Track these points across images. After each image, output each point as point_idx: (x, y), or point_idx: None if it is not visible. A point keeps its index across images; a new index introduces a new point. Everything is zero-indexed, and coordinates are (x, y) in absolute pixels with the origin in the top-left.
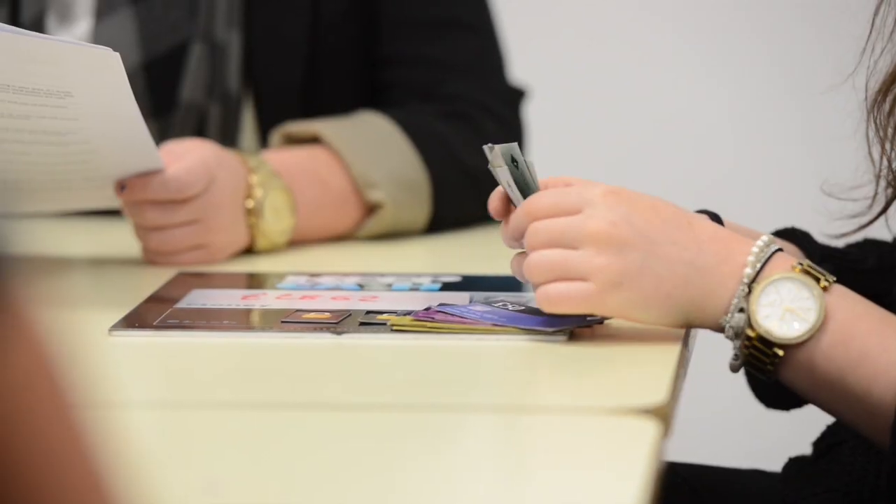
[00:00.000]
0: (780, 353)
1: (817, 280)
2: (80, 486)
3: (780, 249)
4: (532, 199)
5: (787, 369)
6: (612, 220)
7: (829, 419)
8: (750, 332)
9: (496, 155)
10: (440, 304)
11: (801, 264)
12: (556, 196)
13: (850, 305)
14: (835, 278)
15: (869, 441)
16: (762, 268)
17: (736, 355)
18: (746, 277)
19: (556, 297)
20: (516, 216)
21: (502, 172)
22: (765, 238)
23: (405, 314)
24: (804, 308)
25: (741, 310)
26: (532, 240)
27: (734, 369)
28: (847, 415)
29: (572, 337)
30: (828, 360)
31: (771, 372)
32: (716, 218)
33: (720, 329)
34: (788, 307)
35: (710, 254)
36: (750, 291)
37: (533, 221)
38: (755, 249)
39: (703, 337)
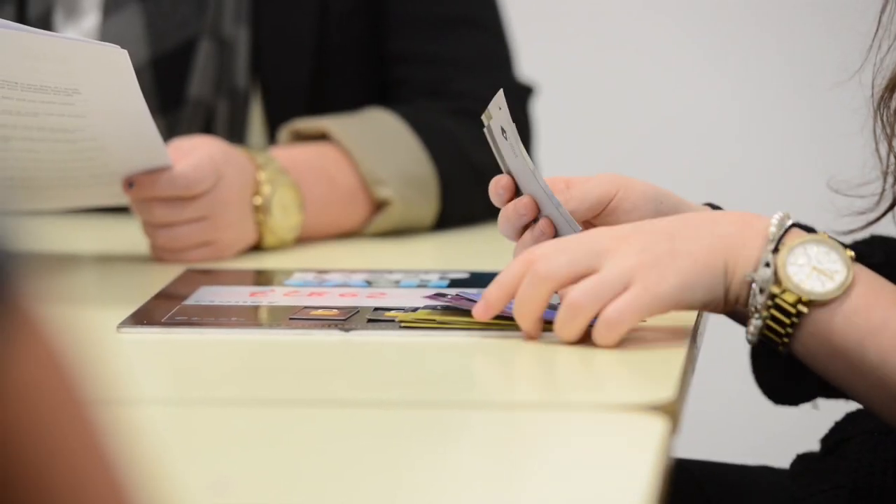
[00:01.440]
0: (805, 310)
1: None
2: (93, 482)
3: (795, 224)
4: (543, 259)
5: (805, 334)
6: (620, 233)
7: (837, 415)
8: (774, 289)
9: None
10: (458, 293)
11: (822, 234)
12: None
13: (873, 278)
14: (853, 253)
15: (877, 436)
16: (786, 231)
17: (753, 328)
18: (772, 236)
19: (616, 317)
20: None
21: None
22: (780, 213)
23: (412, 310)
24: (832, 270)
25: (767, 264)
26: (553, 273)
27: (752, 341)
28: (859, 386)
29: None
30: (848, 326)
31: (787, 341)
32: (717, 210)
33: (746, 297)
34: (816, 267)
35: (728, 223)
36: (777, 251)
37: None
38: (775, 219)
39: (711, 334)
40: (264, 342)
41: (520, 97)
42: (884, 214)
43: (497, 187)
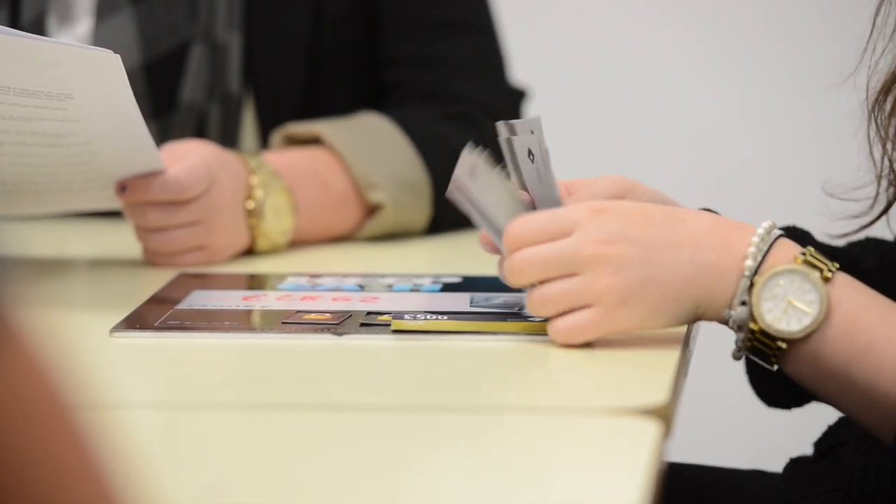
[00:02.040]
0: (783, 346)
1: (820, 270)
2: (79, 487)
3: (782, 234)
4: (515, 226)
5: (791, 362)
6: (605, 239)
7: (830, 419)
8: (753, 326)
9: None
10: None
11: (803, 253)
12: (541, 222)
13: (854, 295)
14: (837, 266)
15: (870, 440)
16: (764, 258)
17: (739, 347)
18: (748, 270)
19: (565, 331)
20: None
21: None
22: (765, 225)
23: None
24: (807, 300)
25: (743, 303)
26: (526, 270)
27: (736, 357)
28: (851, 407)
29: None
30: (832, 352)
31: (775, 363)
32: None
33: (725, 322)
34: (791, 300)
35: (708, 249)
36: (752, 284)
37: (518, 249)
38: (755, 239)
39: (703, 337)
40: (257, 346)
41: (513, 101)
42: (878, 218)
43: (482, 243)
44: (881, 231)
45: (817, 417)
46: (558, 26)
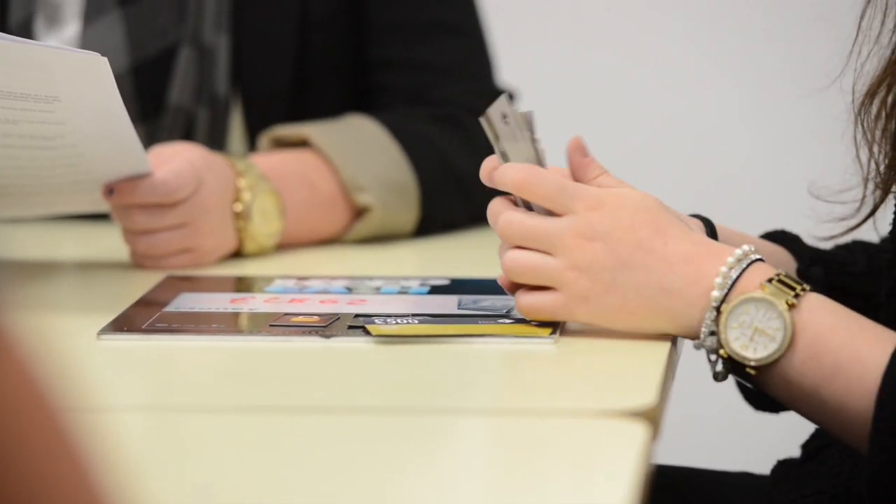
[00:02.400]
0: (753, 372)
1: (787, 294)
2: (69, 490)
3: (758, 259)
4: (525, 175)
5: (765, 384)
6: (588, 235)
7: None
8: (722, 353)
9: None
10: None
11: (770, 280)
12: (549, 187)
13: (821, 318)
14: (808, 287)
15: None
16: (732, 286)
17: (716, 371)
18: (714, 301)
19: (526, 306)
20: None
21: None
22: (738, 253)
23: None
24: (772, 328)
25: (712, 332)
26: (508, 232)
27: (716, 378)
28: (827, 424)
29: (561, 339)
30: (801, 376)
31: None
32: (708, 223)
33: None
34: (757, 327)
35: (678, 276)
36: (719, 314)
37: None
38: (724, 269)
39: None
40: (245, 349)
41: None
42: (864, 220)
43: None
44: (867, 233)
45: (804, 420)
46: (552, 27)
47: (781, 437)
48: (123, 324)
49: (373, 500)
